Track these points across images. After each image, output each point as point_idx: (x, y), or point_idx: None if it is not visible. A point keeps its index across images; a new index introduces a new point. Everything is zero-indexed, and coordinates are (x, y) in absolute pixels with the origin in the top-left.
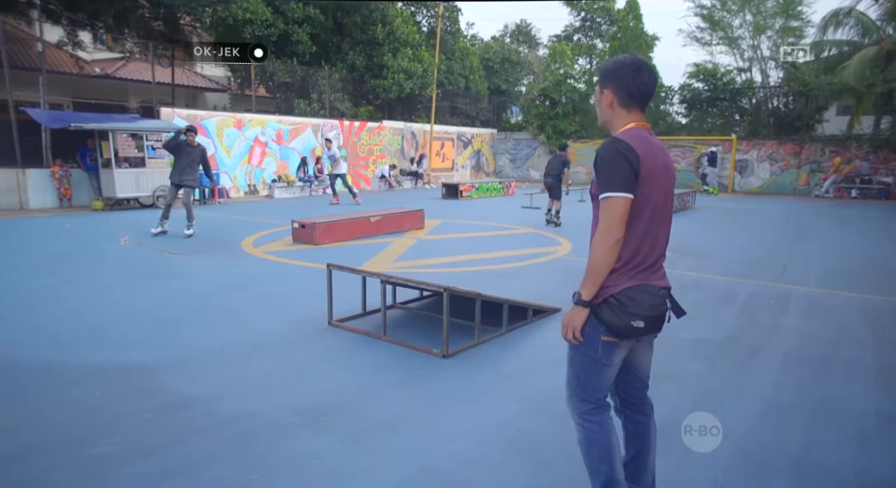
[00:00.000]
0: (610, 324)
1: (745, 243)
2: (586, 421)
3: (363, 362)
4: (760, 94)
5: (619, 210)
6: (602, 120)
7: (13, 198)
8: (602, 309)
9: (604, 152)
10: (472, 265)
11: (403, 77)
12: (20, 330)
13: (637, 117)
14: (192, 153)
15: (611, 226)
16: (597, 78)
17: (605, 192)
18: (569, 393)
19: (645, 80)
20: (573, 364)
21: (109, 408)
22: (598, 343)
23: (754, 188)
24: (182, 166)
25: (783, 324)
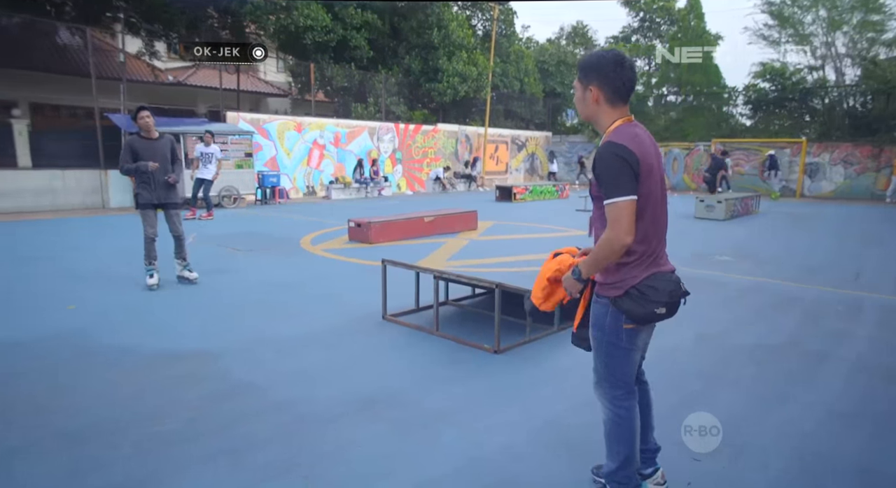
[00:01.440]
0: (633, 313)
1: (812, 248)
2: (616, 405)
3: (415, 355)
4: (834, 93)
5: (626, 213)
6: (586, 115)
7: (96, 197)
8: (623, 300)
9: (604, 158)
10: (524, 265)
11: (458, 80)
12: (92, 318)
13: (622, 112)
14: (156, 150)
15: (619, 232)
16: (578, 72)
17: (611, 198)
18: (597, 378)
19: (629, 74)
20: (600, 352)
21: (173, 391)
22: (622, 331)
23: (826, 192)
24: (151, 177)
25: (852, 331)
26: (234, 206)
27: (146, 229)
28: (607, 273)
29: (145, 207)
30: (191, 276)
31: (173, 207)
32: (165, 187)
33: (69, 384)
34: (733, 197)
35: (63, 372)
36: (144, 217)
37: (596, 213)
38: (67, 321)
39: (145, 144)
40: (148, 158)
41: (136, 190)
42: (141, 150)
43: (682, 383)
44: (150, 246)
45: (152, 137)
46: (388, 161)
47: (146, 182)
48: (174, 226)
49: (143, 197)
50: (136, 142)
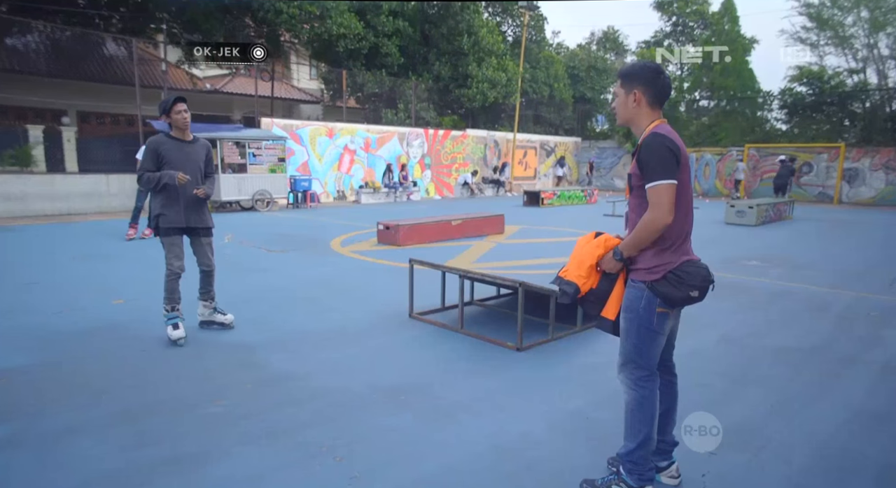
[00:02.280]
0: (669, 296)
1: (847, 254)
2: (640, 386)
3: (441, 351)
4: (876, 96)
5: (668, 195)
6: (625, 118)
7: None
8: (661, 284)
9: (652, 145)
10: (549, 268)
11: (487, 86)
12: (143, 311)
13: (658, 115)
14: (189, 156)
15: (661, 212)
16: (619, 79)
17: (655, 180)
18: (623, 360)
19: (667, 82)
20: (630, 335)
21: (219, 378)
22: (654, 315)
23: (865, 199)
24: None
25: (885, 336)
26: (266, 210)
27: (171, 262)
28: (645, 258)
29: (170, 233)
30: (226, 319)
31: (205, 233)
32: (196, 205)
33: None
34: (765, 202)
35: (115, 360)
36: (169, 246)
37: (633, 203)
38: (121, 313)
39: (175, 148)
40: (177, 166)
41: (158, 209)
42: (169, 155)
43: (706, 381)
44: (173, 284)
45: (185, 139)
46: (418, 166)
47: (172, 198)
48: (205, 257)
49: (168, 219)
50: (165, 144)
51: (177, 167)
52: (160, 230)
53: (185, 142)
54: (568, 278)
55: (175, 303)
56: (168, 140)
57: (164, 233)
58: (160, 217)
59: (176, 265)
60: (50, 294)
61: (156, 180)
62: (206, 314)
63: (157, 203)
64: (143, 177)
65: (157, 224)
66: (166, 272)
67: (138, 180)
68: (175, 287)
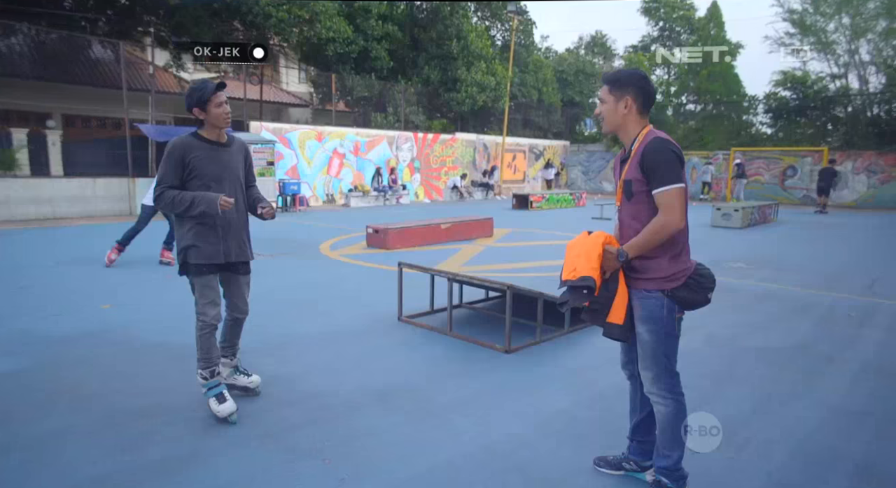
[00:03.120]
0: (689, 301)
1: (830, 256)
2: (677, 393)
3: (430, 353)
4: (858, 101)
5: (680, 199)
6: (614, 124)
7: (124, 204)
8: (681, 290)
9: (660, 150)
10: (537, 271)
11: (477, 90)
12: (132, 316)
13: (647, 120)
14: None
15: (675, 216)
16: (607, 86)
17: (665, 185)
18: (655, 373)
19: (654, 88)
20: (659, 346)
21: None
22: (675, 321)
23: (848, 202)
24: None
25: (863, 336)
26: None
27: (204, 310)
28: (660, 267)
29: (204, 271)
30: (250, 382)
31: (245, 269)
32: (240, 233)
33: (113, 374)
34: (751, 205)
35: (103, 364)
36: (202, 289)
37: (631, 209)
38: (108, 318)
39: (209, 154)
40: (213, 179)
41: (189, 239)
42: (201, 165)
43: (691, 382)
44: (208, 340)
45: (221, 141)
46: (407, 169)
47: (209, 225)
48: (240, 299)
49: (203, 252)
50: (194, 150)
51: (213, 181)
52: (190, 268)
53: (221, 146)
54: (579, 275)
55: (213, 365)
56: (198, 143)
57: (195, 271)
58: (191, 250)
59: (212, 315)
60: (37, 299)
61: (186, 204)
62: (225, 374)
63: (185, 230)
64: (164, 197)
65: (186, 259)
66: (198, 325)
67: (156, 199)
68: (211, 343)
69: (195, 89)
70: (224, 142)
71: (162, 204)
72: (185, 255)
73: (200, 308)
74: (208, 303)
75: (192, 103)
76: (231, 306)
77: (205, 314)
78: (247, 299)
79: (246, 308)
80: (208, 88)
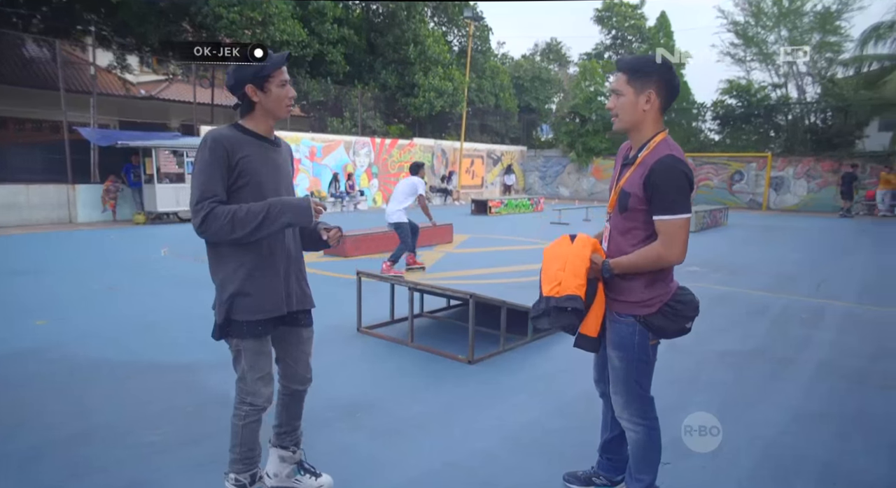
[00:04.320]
0: (663, 329)
1: (778, 259)
2: (650, 418)
3: (391, 366)
4: (797, 110)
5: (684, 231)
6: (630, 122)
7: (63, 212)
8: (655, 318)
9: (673, 173)
10: (498, 277)
11: (434, 95)
12: (74, 331)
13: (663, 122)
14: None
15: (676, 251)
16: (625, 74)
17: (671, 214)
18: (625, 399)
19: (678, 81)
20: (631, 372)
21: (157, 402)
22: (649, 348)
23: (790, 205)
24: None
25: (815, 337)
26: None
27: (255, 388)
28: (635, 291)
29: (258, 332)
30: (322, 483)
31: (308, 320)
32: (300, 268)
33: (50, 396)
34: (703, 209)
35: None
36: (254, 357)
37: (623, 224)
38: (46, 335)
39: (261, 153)
40: (269, 187)
41: (238, 284)
42: (254, 167)
43: (658, 390)
44: (254, 431)
45: (271, 138)
46: (364, 175)
47: (268, 262)
48: (302, 363)
49: (260, 302)
50: (243, 145)
51: (270, 192)
52: (238, 328)
53: (271, 145)
54: (565, 293)
55: (254, 466)
56: (245, 138)
57: (248, 331)
58: (240, 301)
59: (266, 395)
60: None
61: (257, 220)
62: (285, 474)
63: (232, 269)
64: (214, 217)
65: (231, 315)
66: (239, 411)
67: (201, 224)
68: (256, 435)
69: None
70: (274, 139)
71: (213, 228)
72: (230, 309)
73: (250, 386)
74: (261, 379)
75: (243, 78)
76: (288, 375)
77: (255, 394)
78: (309, 361)
79: (310, 374)
80: (271, 59)
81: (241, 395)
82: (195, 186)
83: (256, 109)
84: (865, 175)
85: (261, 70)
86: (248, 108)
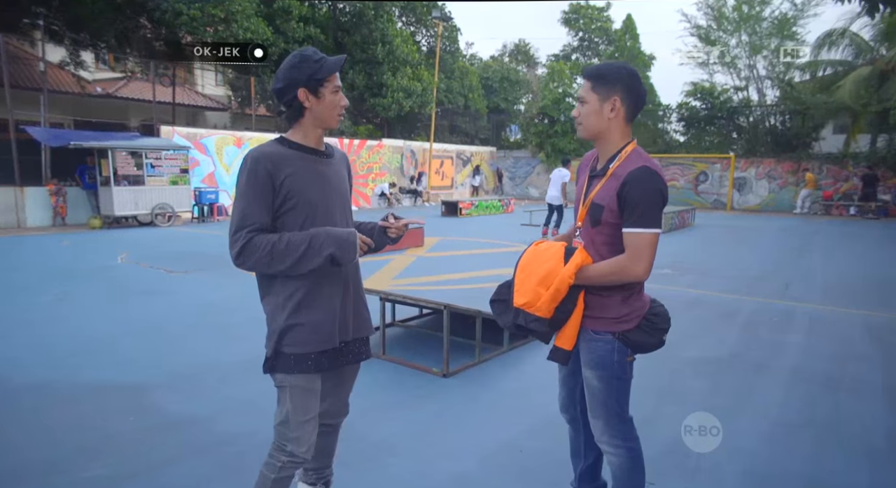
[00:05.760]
0: (643, 344)
1: (746, 260)
2: (630, 439)
3: (361, 382)
4: (758, 112)
5: (652, 246)
6: (595, 130)
7: (10, 216)
8: (635, 333)
9: (648, 186)
10: (472, 282)
11: (403, 95)
12: (13, 348)
13: (630, 130)
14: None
15: (641, 266)
16: (589, 81)
17: (640, 227)
18: (605, 421)
19: (645, 90)
20: (611, 392)
21: (102, 428)
22: (626, 365)
23: (753, 206)
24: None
25: (787, 342)
26: (168, 225)
27: (298, 434)
28: (611, 307)
29: (309, 367)
30: None
31: (365, 351)
32: (360, 292)
33: None
34: (671, 210)
35: None
36: (301, 396)
37: (596, 238)
38: None
39: (311, 168)
40: (319, 207)
41: (288, 316)
42: (302, 186)
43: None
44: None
45: (321, 148)
46: None
47: (322, 287)
48: (339, 399)
49: (314, 332)
50: (289, 162)
51: (321, 213)
52: (288, 361)
53: (323, 157)
54: (536, 314)
55: None
56: (291, 153)
57: (297, 365)
58: (293, 333)
59: (308, 442)
60: None
61: (298, 252)
62: None
63: (282, 300)
64: (253, 248)
65: (281, 347)
66: (274, 461)
67: (239, 252)
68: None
69: (306, 58)
70: (324, 150)
71: (251, 261)
72: (279, 341)
73: (293, 430)
74: (307, 422)
75: (296, 80)
76: (332, 411)
77: (299, 441)
78: (348, 395)
79: (347, 407)
80: (328, 62)
81: (281, 441)
82: (234, 213)
83: (306, 117)
84: (823, 175)
85: (316, 72)
86: (296, 115)
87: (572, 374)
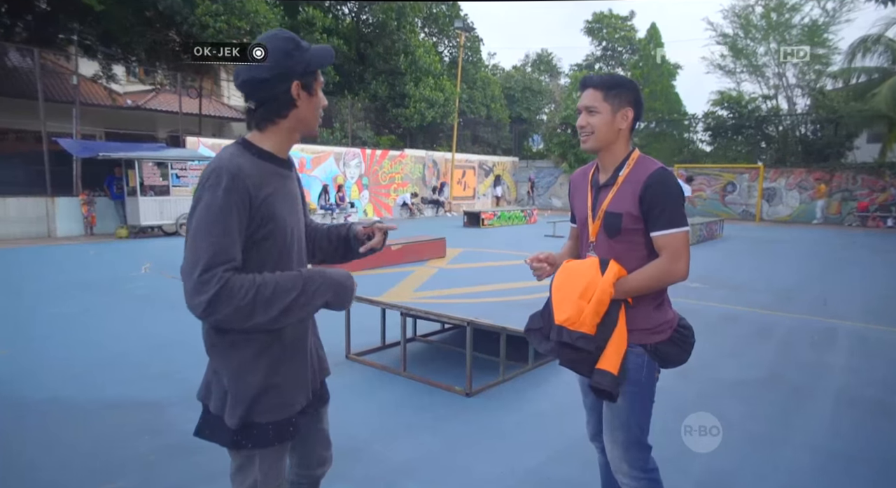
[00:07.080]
0: (672, 357)
1: (780, 273)
2: (650, 469)
3: (381, 400)
4: (787, 121)
5: (686, 244)
6: (605, 141)
7: (42, 226)
8: (667, 345)
9: (670, 185)
10: (495, 295)
11: (425, 106)
12: (32, 361)
13: None
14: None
15: (682, 265)
16: (601, 91)
17: (673, 228)
18: (626, 446)
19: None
20: (633, 412)
21: (115, 449)
22: (654, 382)
23: (783, 216)
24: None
25: (830, 364)
26: None
27: None
28: (644, 317)
29: (282, 435)
30: None
31: (326, 394)
32: (315, 332)
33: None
34: (699, 222)
35: None
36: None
37: (611, 248)
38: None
39: (279, 182)
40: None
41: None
42: (279, 208)
43: (668, 426)
44: None
45: (285, 159)
46: (355, 187)
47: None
48: (320, 446)
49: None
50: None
51: (294, 238)
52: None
53: (288, 169)
54: (581, 330)
55: None
56: (266, 167)
57: (277, 434)
58: (265, 399)
59: None
60: None
61: (287, 299)
62: None
63: (250, 361)
64: (229, 292)
65: (252, 416)
66: None
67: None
68: None
69: (298, 44)
70: (289, 159)
71: (225, 311)
72: (251, 409)
73: None
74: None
75: (291, 70)
76: (305, 462)
77: None
78: (329, 436)
79: (331, 451)
80: (326, 52)
81: None
82: (200, 243)
83: (289, 118)
84: (857, 186)
85: (311, 63)
86: (278, 114)
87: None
